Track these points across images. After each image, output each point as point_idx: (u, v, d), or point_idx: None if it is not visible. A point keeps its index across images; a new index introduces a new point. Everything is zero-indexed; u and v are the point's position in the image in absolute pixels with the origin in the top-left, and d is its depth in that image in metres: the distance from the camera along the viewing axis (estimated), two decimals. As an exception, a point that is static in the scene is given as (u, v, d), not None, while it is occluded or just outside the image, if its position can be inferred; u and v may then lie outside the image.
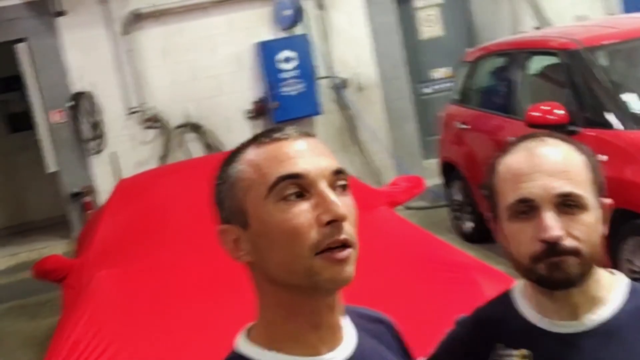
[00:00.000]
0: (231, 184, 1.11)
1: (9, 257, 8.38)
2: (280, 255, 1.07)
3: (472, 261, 3.46)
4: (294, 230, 1.05)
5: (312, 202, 1.07)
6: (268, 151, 1.10)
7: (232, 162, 1.14)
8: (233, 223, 1.11)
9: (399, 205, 4.39)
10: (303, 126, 5.33)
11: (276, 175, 1.07)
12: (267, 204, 1.07)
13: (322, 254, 1.05)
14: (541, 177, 1.31)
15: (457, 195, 6.87)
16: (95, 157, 8.11)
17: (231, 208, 1.11)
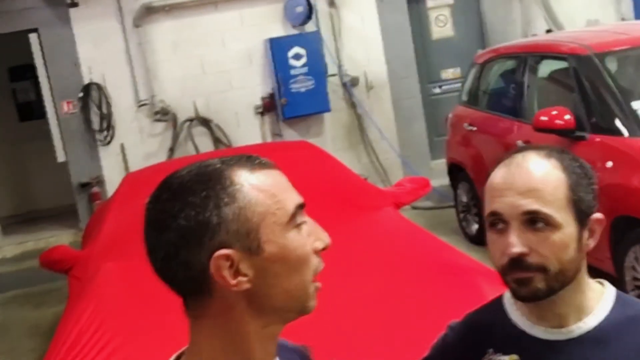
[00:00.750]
0: (241, 207, 1.06)
1: (15, 246, 8.44)
2: (292, 281, 1.09)
3: (476, 265, 3.47)
4: (306, 256, 1.10)
5: (307, 229, 1.11)
6: (271, 177, 1.10)
7: (229, 184, 1.07)
8: (235, 247, 1.06)
9: (404, 206, 4.41)
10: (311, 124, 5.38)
11: (294, 204, 1.10)
12: (287, 230, 1.08)
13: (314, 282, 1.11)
14: (511, 194, 1.36)
15: (464, 196, 6.88)
16: (104, 148, 8.15)
17: (238, 232, 1.06)
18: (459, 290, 3.12)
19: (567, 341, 1.40)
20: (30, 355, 5.81)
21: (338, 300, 3.19)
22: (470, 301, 3.09)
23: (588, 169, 1.45)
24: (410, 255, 3.46)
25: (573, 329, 1.40)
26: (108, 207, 4.50)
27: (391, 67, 8.69)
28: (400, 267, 3.35)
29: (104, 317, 3.26)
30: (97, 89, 8.03)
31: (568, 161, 1.42)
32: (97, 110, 8.06)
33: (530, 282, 1.36)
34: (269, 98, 8.34)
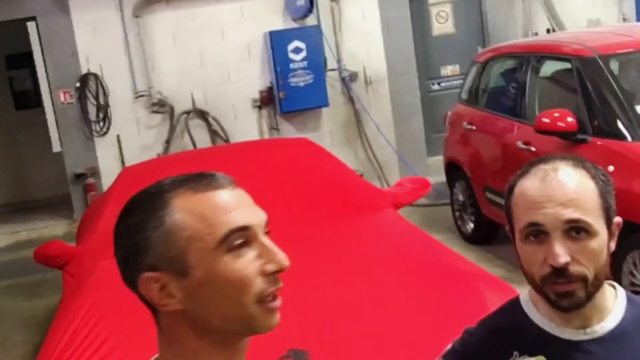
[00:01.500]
0: (168, 231, 1.08)
1: (9, 235, 8.38)
2: (224, 304, 1.09)
3: (476, 269, 3.44)
4: (242, 280, 1.09)
5: (256, 253, 1.11)
6: (209, 200, 1.10)
7: (164, 208, 1.09)
8: (163, 270, 1.09)
9: (403, 207, 4.37)
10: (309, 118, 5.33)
11: (227, 228, 1.09)
12: (216, 255, 1.08)
13: (261, 303, 1.10)
14: (552, 206, 1.40)
15: (460, 195, 6.85)
16: (100, 139, 8.09)
17: (166, 255, 1.09)
18: (460, 295, 3.09)
19: (590, 341, 1.45)
20: (23, 347, 5.77)
21: (337, 303, 3.16)
22: (471, 306, 3.07)
23: (608, 176, 1.49)
24: (411, 259, 3.42)
25: (596, 329, 1.45)
26: (104, 201, 4.45)
27: (391, 62, 8.65)
28: (400, 272, 3.32)
29: (100, 316, 3.21)
30: (95, 79, 7.97)
31: (594, 170, 1.46)
32: (94, 100, 7.99)
33: (573, 293, 1.40)
34: (267, 91, 8.28)
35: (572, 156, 1.49)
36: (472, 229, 6.68)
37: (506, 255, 6.33)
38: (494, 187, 6.09)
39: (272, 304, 1.11)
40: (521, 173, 1.49)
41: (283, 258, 1.11)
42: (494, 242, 6.61)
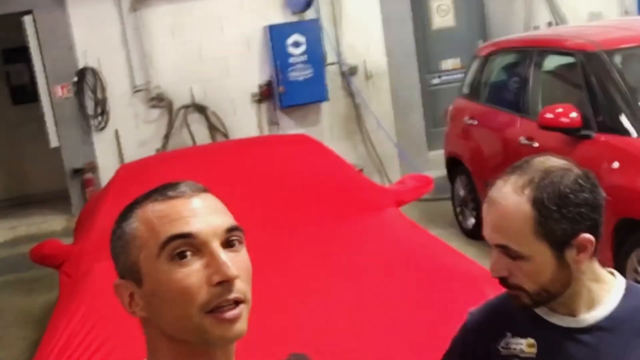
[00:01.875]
0: (126, 240, 1.12)
1: (7, 231, 8.32)
2: (171, 314, 1.09)
3: (480, 270, 3.38)
4: (184, 290, 1.07)
5: (204, 262, 1.09)
6: (162, 210, 1.11)
7: (128, 218, 1.14)
8: (128, 279, 1.13)
9: (405, 204, 4.31)
10: (309, 113, 5.26)
11: (167, 234, 1.08)
12: (158, 264, 1.09)
13: (211, 313, 1.08)
14: (488, 227, 1.51)
15: (461, 190, 6.80)
16: (98, 133, 8.02)
17: (126, 264, 1.12)
18: (463, 297, 3.03)
19: (580, 329, 1.51)
20: (21, 343, 5.73)
21: (337, 305, 3.10)
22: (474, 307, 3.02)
23: (569, 193, 1.48)
24: (414, 259, 3.37)
25: (586, 318, 1.51)
26: (101, 199, 4.39)
27: (391, 56, 8.57)
28: (402, 272, 3.27)
29: (95, 320, 3.16)
30: (92, 74, 7.89)
31: (547, 190, 1.47)
32: (92, 95, 7.92)
33: (517, 298, 1.51)
34: (266, 86, 8.21)
35: (532, 171, 1.51)
36: (474, 224, 6.63)
37: (508, 251, 6.27)
38: (496, 183, 6.03)
39: (225, 315, 1.08)
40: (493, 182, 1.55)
41: (228, 268, 1.08)
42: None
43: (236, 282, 1.09)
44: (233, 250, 1.12)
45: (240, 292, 1.09)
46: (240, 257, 1.12)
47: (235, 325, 1.09)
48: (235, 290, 1.09)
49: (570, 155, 5.00)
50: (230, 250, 1.11)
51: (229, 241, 1.12)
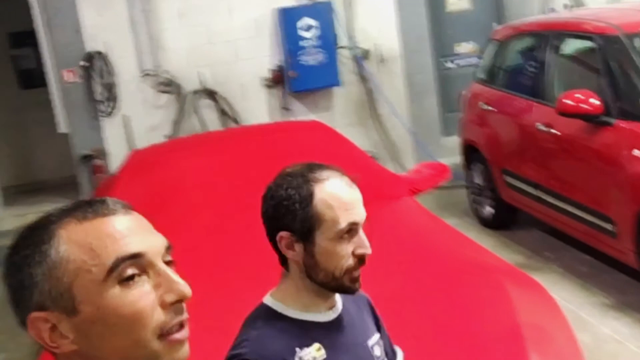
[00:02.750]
0: (51, 266, 0.99)
1: (16, 218, 8.25)
2: (118, 342, 1.00)
3: (500, 263, 3.26)
4: (137, 314, 0.99)
5: (153, 282, 1.02)
6: (98, 229, 1.01)
7: (46, 241, 1.00)
8: (51, 309, 0.99)
9: (419, 193, 4.18)
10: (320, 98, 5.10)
11: (115, 256, 0.99)
12: (105, 288, 0.99)
13: (163, 337, 1.01)
14: (359, 205, 1.73)
15: (478, 178, 6.65)
16: (106, 119, 7.91)
17: (51, 293, 0.99)
18: (484, 291, 2.91)
19: (337, 318, 1.71)
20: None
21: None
22: (495, 303, 2.90)
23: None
24: (429, 251, 3.24)
25: (338, 306, 1.73)
26: (111, 187, 4.28)
27: (404, 40, 8.40)
28: (420, 265, 3.14)
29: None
30: (100, 58, 7.77)
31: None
32: (100, 79, 7.80)
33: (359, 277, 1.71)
34: (277, 70, 8.06)
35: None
36: (490, 214, 6.49)
37: (525, 240, 6.14)
38: (513, 171, 5.89)
39: (176, 336, 1.02)
40: (314, 179, 1.67)
41: (183, 286, 1.02)
42: (512, 227, 6.42)
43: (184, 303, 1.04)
44: (172, 270, 1.05)
45: (186, 312, 1.05)
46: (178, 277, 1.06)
47: (184, 347, 1.03)
48: (185, 311, 1.04)
49: (589, 143, 4.89)
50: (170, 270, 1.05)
51: (168, 261, 1.06)
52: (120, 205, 1.06)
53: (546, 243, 5.98)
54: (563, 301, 4.90)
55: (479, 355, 2.61)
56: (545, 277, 5.37)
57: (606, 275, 5.21)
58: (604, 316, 4.69)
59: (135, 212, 1.08)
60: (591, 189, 4.84)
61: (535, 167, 5.54)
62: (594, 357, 4.20)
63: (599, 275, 5.24)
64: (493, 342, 2.65)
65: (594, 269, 5.35)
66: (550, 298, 3.00)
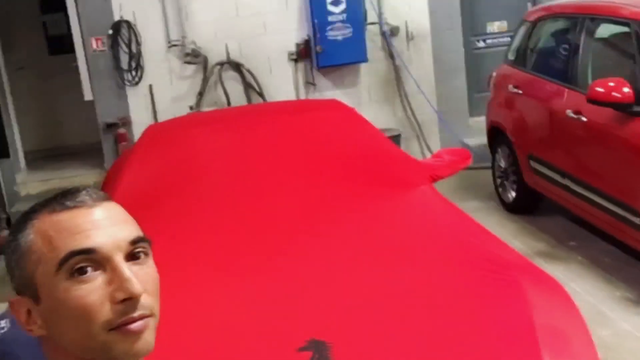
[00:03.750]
0: (21, 254, 1.06)
1: (40, 183, 8.31)
2: (72, 333, 1.03)
3: (518, 259, 3.17)
4: (84, 308, 1.01)
5: (107, 277, 1.03)
6: (60, 222, 1.04)
7: (23, 229, 1.07)
8: (24, 294, 1.07)
9: (440, 180, 4.10)
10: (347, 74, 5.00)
11: (66, 250, 1.02)
12: (57, 280, 1.02)
13: (115, 330, 1.02)
14: None
15: (502, 162, 6.54)
16: (132, 88, 7.88)
17: (21, 279, 1.06)
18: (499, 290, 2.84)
19: None
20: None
21: (362, 292, 2.93)
22: (510, 302, 2.82)
23: None
24: (447, 246, 3.17)
25: None
26: (127, 160, 4.26)
27: (434, 17, 8.23)
28: (434, 259, 3.07)
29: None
30: (127, 27, 7.72)
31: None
32: (127, 49, 7.76)
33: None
34: (303, 45, 7.96)
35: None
36: (514, 198, 6.38)
37: (548, 227, 6.03)
38: (539, 156, 5.77)
39: (130, 327, 1.02)
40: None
41: (132, 284, 1.01)
42: (536, 212, 6.32)
43: (141, 298, 1.03)
44: (138, 263, 1.05)
45: (145, 308, 1.03)
46: (146, 270, 1.06)
47: (141, 339, 1.03)
48: (140, 307, 1.03)
49: (619, 133, 4.76)
50: (135, 263, 1.05)
51: (134, 254, 1.05)
52: (92, 197, 1.07)
53: (570, 231, 5.87)
54: (585, 294, 4.82)
55: (490, 354, 2.54)
56: (568, 268, 5.28)
57: (630, 268, 5.10)
58: (626, 311, 4.59)
59: (109, 203, 1.08)
60: (619, 179, 4.71)
61: (562, 155, 5.41)
62: (613, 353, 4.12)
63: (623, 268, 5.13)
64: (505, 342, 2.59)
65: (618, 261, 5.24)
66: (568, 297, 2.92)
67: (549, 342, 2.56)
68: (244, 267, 3.11)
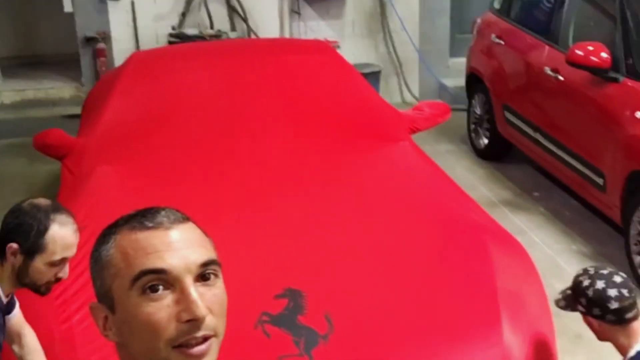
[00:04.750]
0: (101, 266, 1.13)
1: (15, 92, 8.22)
2: (139, 345, 1.10)
3: (487, 220, 3.33)
4: (152, 324, 1.08)
5: (175, 297, 1.09)
6: (138, 240, 1.11)
7: (105, 242, 1.14)
8: (103, 303, 1.14)
9: (419, 132, 4.21)
10: (332, 5, 4.98)
11: (140, 268, 1.09)
12: (130, 296, 1.10)
13: (178, 348, 1.08)
14: None
15: (478, 108, 6.66)
16: (113, 3, 7.75)
17: (101, 289, 1.14)
18: (464, 251, 3.00)
19: None
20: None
21: (337, 243, 3.08)
22: (476, 262, 2.99)
23: None
24: (419, 203, 3.30)
25: None
26: (111, 89, 4.25)
27: (423, -46, 8.17)
28: (406, 217, 3.21)
29: (97, 223, 3.13)
30: (112, -62, 7.55)
31: None
32: (110, -38, 7.61)
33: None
34: (291, -28, 7.87)
35: None
36: (486, 145, 6.54)
37: (515, 176, 6.22)
38: (514, 108, 5.90)
39: (191, 350, 1.08)
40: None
41: (198, 308, 1.07)
42: (505, 160, 6.49)
43: (206, 319, 1.09)
44: (207, 284, 1.11)
45: (209, 329, 1.09)
46: (214, 292, 1.12)
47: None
48: (204, 328, 1.09)
49: (594, 97, 4.85)
50: (204, 285, 1.11)
51: (204, 275, 1.11)
52: (170, 218, 1.14)
53: (535, 182, 6.06)
54: (543, 245, 5.04)
55: (452, 313, 2.72)
56: (530, 218, 5.49)
57: (590, 223, 5.31)
58: (581, 265, 4.71)
59: (185, 224, 1.15)
60: (588, 141, 4.87)
61: (536, 109, 5.54)
62: (565, 306, 4.35)
63: (582, 222, 5.35)
64: (468, 302, 2.76)
65: (578, 215, 5.45)
66: (531, 262, 3.10)
67: (508, 305, 2.75)
68: (222, 212, 3.21)
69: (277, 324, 2.68)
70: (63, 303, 2.80)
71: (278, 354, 2.57)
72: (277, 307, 2.73)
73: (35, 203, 2.31)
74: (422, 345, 2.61)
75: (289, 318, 2.69)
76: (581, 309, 2.56)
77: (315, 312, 2.71)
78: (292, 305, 2.75)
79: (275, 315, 2.71)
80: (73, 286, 2.83)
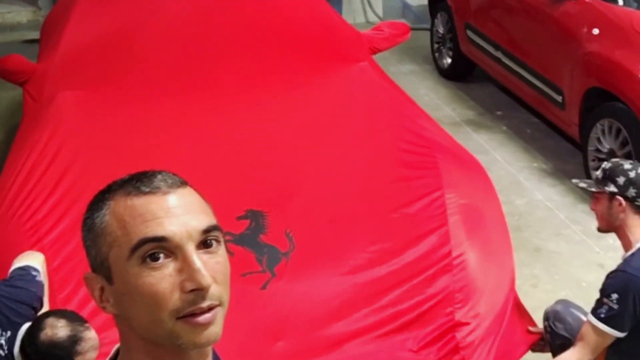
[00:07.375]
0: (96, 234, 1.07)
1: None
2: (141, 317, 1.05)
3: (443, 139, 3.40)
4: (154, 295, 1.03)
5: (178, 265, 1.03)
6: (135, 207, 1.05)
7: (99, 209, 1.08)
8: (98, 273, 1.08)
9: (379, 52, 4.23)
10: None
11: (139, 237, 1.03)
12: (129, 266, 1.03)
13: (183, 319, 1.04)
14: None
15: (441, 27, 6.67)
16: None
17: (96, 259, 1.08)
18: (414, 167, 3.11)
19: None
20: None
21: (297, 164, 3.16)
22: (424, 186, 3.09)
23: None
24: (375, 123, 3.37)
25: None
26: (69, 12, 4.13)
27: None
28: (362, 137, 3.29)
29: (60, 147, 3.15)
30: None
31: None
32: None
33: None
34: None
35: None
36: (449, 65, 6.58)
37: (478, 95, 6.29)
38: (476, 26, 5.91)
39: (197, 319, 1.04)
40: None
41: (202, 277, 1.02)
42: (469, 79, 6.54)
43: (211, 288, 1.04)
44: (209, 252, 1.06)
45: (214, 298, 1.04)
46: (217, 259, 1.06)
47: (209, 330, 1.05)
48: (209, 297, 1.04)
49: (553, 14, 4.88)
50: (206, 252, 1.05)
51: (206, 242, 1.06)
52: (167, 182, 1.08)
53: (498, 100, 6.14)
54: (505, 163, 5.16)
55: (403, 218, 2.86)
56: (492, 137, 5.59)
57: (550, 140, 5.43)
58: (540, 182, 4.94)
59: (183, 189, 1.09)
60: (548, 58, 4.94)
61: (497, 28, 5.57)
62: (524, 221, 4.50)
63: (543, 140, 5.46)
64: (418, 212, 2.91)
65: (539, 132, 5.56)
66: (488, 180, 3.21)
67: (465, 219, 2.86)
68: (182, 135, 3.25)
69: (240, 243, 2.76)
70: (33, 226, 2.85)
71: (242, 271, 2.66)
72: (240, 228, 2.81)
73: (55, 341, 2.24)
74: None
75: (252, 237, 2.78)
76: (612, 189, 2.58)
77: (276, 231, 2.80)
78: (254, 225, 2.83)
79: (237, 234, 2.80)
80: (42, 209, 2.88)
